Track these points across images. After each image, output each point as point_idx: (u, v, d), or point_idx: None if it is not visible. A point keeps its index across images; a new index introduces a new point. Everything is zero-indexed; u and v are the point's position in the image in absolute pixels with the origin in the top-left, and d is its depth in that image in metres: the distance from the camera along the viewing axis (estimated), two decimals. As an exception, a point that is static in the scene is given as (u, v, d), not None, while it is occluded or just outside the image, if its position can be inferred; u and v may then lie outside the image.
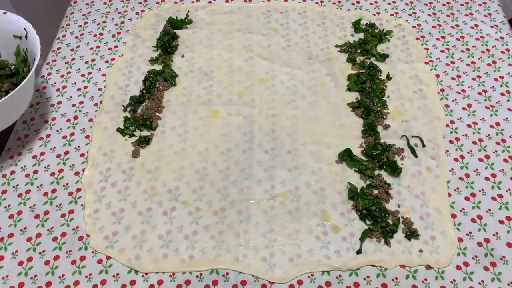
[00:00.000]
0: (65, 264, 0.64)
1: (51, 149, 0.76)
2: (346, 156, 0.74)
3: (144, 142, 0.76)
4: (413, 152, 0.74)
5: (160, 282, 0.63)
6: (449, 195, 0.70)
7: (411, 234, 0.66)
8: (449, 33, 0.92)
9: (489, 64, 0.87)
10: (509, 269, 0.63)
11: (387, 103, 0.81)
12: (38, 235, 0.67)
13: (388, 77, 0.84)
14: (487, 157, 0.74)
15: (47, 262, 0.64)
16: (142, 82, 0.84)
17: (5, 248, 0.66)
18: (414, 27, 0.94)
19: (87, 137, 0.78)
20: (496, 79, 0.85)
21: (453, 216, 0.68)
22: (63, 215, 0.69)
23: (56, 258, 0.65)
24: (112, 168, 0.73)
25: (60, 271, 0.64)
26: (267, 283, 0.63)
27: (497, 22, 0.95)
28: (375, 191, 0.70)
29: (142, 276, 0.63)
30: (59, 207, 0.70)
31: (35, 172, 0.73)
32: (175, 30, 0.92)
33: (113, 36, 0.93)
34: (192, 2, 0.99)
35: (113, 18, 0.96)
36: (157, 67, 0.87)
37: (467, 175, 0.72)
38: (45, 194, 0.71)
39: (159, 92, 0.82)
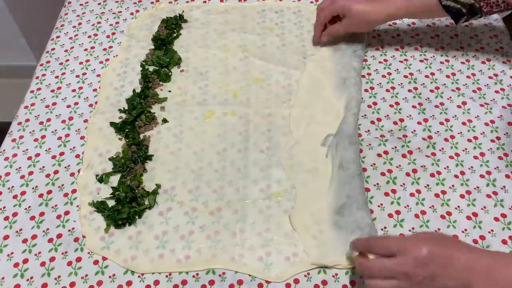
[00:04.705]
0: (61, 266, 0.64)
1: (46, 150, 0.76)
2: (341, 155, 0.74)
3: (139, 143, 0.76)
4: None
5: (156, 282, 0.63)
6: (444, 192, 0.70)
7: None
8: (443, 31, 0.93)
9: (483, 62, 0.87)
10: (504, 266, 0.63)
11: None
12: (34, 237, 0.67)
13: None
14: (482, 154, 0.75)
15: (43, 264, 0.64)
16: (137, 83, 0.84)
17: (0, 250, 0.65)
18: (408, 25, 0.94)
19: (82, 138, 0.77)
20: (490, 77, 0.85)
21: (448, 213, 0.68)
22: (58, 216, 0.69)
23: (52, 259, 0.65)
24: (107, 169, 0.73)
25: (56, 273, 0.63)
26: (264, 282, 0.63)
27: (491, 20, 0.95)
28: (371, 190, 0.70)
29: (139, 276, 0.63)
30: (55, 208, 0.69)
31: (30, 173, 0.73)
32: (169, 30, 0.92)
33: (108, 36, 0.93)
34: (187, 2, 0.99)
35: (107, 19, 0.96)
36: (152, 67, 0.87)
37: (462, 173, 0.73)
38: (41, 195, 0.71)
39: (154, 92, 0.82)
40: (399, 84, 0.84)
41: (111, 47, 0.91)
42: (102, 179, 0.72)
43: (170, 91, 0.83)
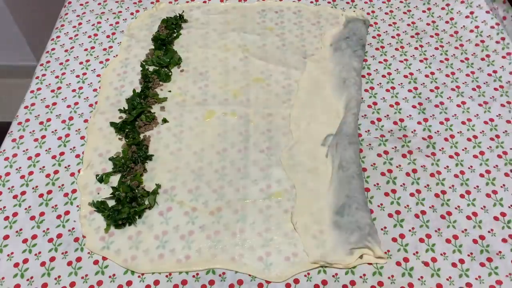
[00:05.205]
0: (61, 266, 0.64)
1: (46, 150, 0.76)
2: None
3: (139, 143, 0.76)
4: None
5: (156, 282, 0.63)
6: (444, 192, 0.70)
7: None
8: (443, 30, 0.93)
9: (482, 59, 0.87)
10: (506, 262, 0.64)
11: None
12: (34, 237, 0.67)
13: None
14: (482, 153, 0.75)
15: (43, 264, 0.64)
16: (137, 83, 0.84)
17: (0, 250, 0.66)
18: (408, 25, 0.94)
19: (82, 138, 0.77)
20: (489, 74, 0.85)
21: (448, 213, 0.68)
22: (58, 216, 0.69)
23: (52, 259, 0.65)
24: (107, 169, 0.73)
25: (56, 273, 0.63)
26: (264, 282, 0.63)
27: (489, 9, 0.95)
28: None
29: (139, 276, 0.63)
30: (55, 208, 0.69)
31: (31, 173, 0.73)
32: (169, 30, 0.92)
33: (108, 36, 0.93)
34: (187, 2, 0.99)
35: (107, 19, 0.96)
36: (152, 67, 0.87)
37: (462, 172, 0.72)
38: (41, 195, 0.71)
39: (154, 92, 0.82)
40: (399, 84, 0.84)
41: (111, 47, 0.91)
42: (102, 179, 0.72)
43: (170, 91, 0.83)
